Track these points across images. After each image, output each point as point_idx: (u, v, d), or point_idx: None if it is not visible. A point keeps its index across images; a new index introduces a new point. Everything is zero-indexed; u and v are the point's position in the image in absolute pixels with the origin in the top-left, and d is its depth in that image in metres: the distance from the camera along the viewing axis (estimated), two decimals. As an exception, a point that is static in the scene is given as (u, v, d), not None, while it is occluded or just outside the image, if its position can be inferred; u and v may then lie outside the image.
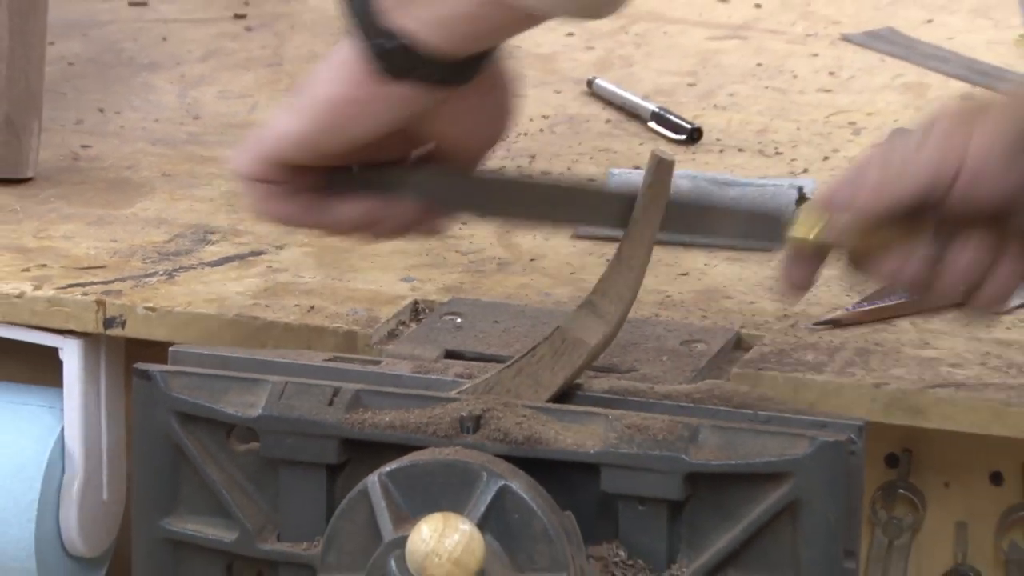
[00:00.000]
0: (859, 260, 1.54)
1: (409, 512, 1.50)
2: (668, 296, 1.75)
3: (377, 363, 1.63)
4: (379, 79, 1.56)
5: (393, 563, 1.47)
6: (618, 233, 1.60)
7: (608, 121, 2.10)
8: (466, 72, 1.58)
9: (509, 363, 1.58)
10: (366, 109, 1.57)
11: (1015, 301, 1.75)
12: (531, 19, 1.54)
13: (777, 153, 2.06)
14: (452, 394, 1.57)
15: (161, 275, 1.81)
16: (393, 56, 1.55)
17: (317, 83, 1.60)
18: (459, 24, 1.54)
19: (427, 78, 1.56)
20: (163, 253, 1.85)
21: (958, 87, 2.20)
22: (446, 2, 1.53)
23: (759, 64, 2.25)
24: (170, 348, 1.66)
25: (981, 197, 1.49)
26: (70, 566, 1.82)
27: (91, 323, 1.77)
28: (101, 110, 2.10)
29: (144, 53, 2.22)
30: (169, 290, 1.79)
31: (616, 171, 1.99)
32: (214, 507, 1.59)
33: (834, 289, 1.78)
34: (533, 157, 2.03)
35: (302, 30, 2.28)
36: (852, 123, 2.11)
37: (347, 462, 1.56)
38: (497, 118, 1.67)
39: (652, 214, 1.57)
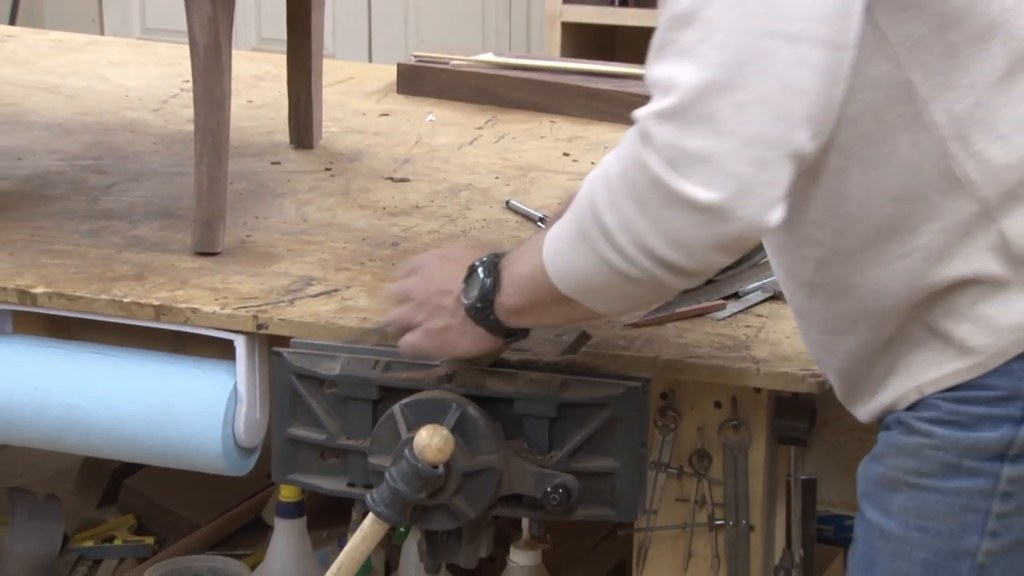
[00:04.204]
0: None
1: (415, 424, 1.47)
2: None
3: (397, 346, 1.60)
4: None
5: (406, 450, 1.44)
6: None
7: (517, 222, 2.07)
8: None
9: (467, 346, 1.55)
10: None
11: (727, 311, 1.73)
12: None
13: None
14: (437, 363, 1.53)
15: (286, 302, 1.77)
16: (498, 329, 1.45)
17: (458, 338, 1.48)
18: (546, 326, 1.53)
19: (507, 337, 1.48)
20: (287, 290, 1.80)
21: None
22: (546, 320, 1.46)
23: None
24: (291, 340, 1.63)
25: None
26: (239, 452, 1.78)
27: (250, 327, 1.73)
28: (256, 217, 2.06)
29: (278, 188, 2.19)
30: (290, 310, 1.75)
31: None
32: (314, 422, 1.56)
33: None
34: (478, 241, 2.00)
35: (358, 176, 2.25)
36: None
37: (382, 399, 1.53)
38: None
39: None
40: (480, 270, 1.43)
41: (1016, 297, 1.30)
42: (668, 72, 1.23)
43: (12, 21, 4.72)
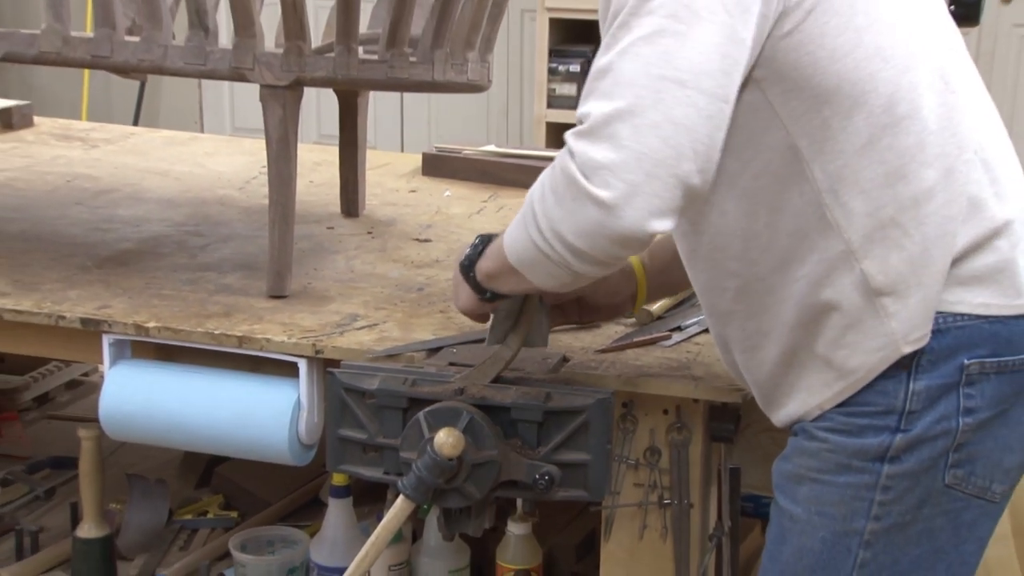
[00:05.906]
0: None
1: (435, 426, 1.45)
2: (536, 341, 1.69)
3: (421, 367, 1.58)
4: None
5: (428, 447, 1.42)
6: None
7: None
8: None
9: (475, 367, 1.52)
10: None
11: (673, 340, 1.71)
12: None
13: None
14: (452, 379, 1.51)
15: (337, 333, 1.74)
16: (477, 288, 1.43)
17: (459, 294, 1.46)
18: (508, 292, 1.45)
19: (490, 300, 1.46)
20: (338, 325, 1.78)
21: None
22: (505, 287, 1.42)
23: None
24: (341, 362, 1.60)
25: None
26: (302, 447, 1.75)
27: (310, 352, 1.70)
28: (315, 269, 2.04)
29: (332, 247, 2.17)
30: (340, 339, 1.72)
31: None
32: (358, 425, 1.53)
33: (599, 338, 1.73)
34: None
35: (392, 238, 2.24)
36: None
37: (410, 407, 1.50)
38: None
39: (530, 307, 1.52)
40: (478, 238, 1.43)
41: (873, 323, 1.29)
42: (588, 108, 1.24)
43: (135, 122, 4.75)
